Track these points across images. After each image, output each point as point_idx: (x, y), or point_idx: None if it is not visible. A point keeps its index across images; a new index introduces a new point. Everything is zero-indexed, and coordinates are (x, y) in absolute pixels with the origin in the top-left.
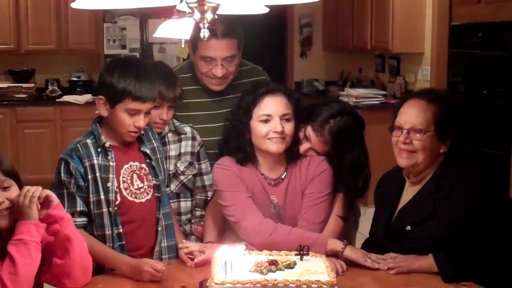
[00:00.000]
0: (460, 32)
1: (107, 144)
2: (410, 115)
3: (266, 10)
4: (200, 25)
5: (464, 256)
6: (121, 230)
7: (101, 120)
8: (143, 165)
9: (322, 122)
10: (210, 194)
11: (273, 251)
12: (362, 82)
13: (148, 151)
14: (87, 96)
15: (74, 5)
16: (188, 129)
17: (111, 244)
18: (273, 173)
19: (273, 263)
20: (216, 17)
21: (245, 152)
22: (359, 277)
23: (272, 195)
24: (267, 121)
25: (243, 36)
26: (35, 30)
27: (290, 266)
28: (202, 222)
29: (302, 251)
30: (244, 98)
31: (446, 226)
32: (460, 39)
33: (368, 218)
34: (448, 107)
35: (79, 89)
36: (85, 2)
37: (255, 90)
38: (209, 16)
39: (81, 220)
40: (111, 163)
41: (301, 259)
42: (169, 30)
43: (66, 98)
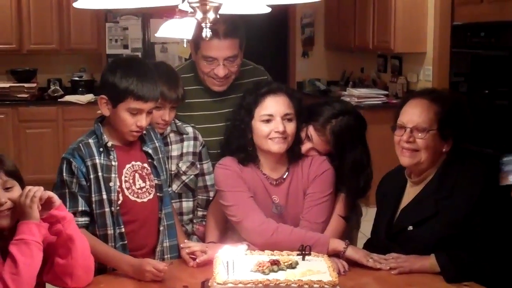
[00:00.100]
0: (462, 32)
1: (109, 143)
2: (412, 114)
3: (268, 10)
4: (202, 24)
5: (466, 256)
6: (123, 229)
7: (103, 120)
8: (145, 164)
9: (324, 122)
10: (212, 194)
11: (275, 251)
12: (364, 82)
13: (150, 151)
14: (89, 96)
15: (76, 4)
16: (190, 129)
17: (113, 244)
18: (275, 173)
19: (275, 263)
20: (218, 17)
21: (246, 152)
22: (361, 277)
23: (274, 195)
24: (268, 121)
25: (245, 36)
26: (37, 30)
27: (292, 266)
28: (204, 222)
29: (304, 251)
30: (245, 98)
31: (448, 226)
32: (462, 38)
33: (369, 218)
34: (450, 106)
35: (81, 89)
36: (87, 1)
37: (257, 90)
38: (211, 15)
39: (83, 219)
40: (113, 163)
41: (303, 259)
42: (171, 30)
43: (68, 98)
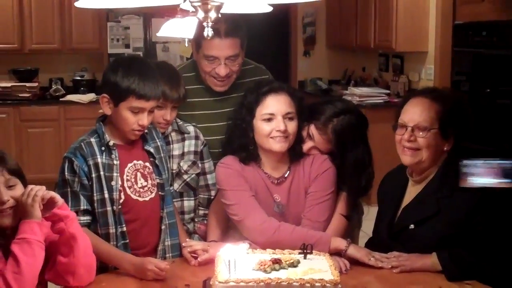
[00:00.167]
0: (464, 31)
1: (111, 142)
2: (414, 113)
3: (269, 9)
4: (204, 24)
5: (468, 254)
6: (125, 228)
7: (105, 119)
8: (147, 163)
9: (326, 121)
10: (213, 193)
11: (276, 250)
12: (365, 81)
13: (151, 150)
14: (91, 95)
15: (78, 4)
16: (191, 128)
17: (115, 243)
18: (276, 172)
19: (276, 261)
20: (219, 16)
21: (248, 151)
22: (362, 275)
23: (276, 194)
24: (270, 120)
25: (246, 35)
26: (38, 29)
27: (294, 264)
28: (205, 221)
29: (306, 249)
30: (247, 97)
31: (450, 224)
32: (463, 37)
33: (371, 217)
34: (451, 105)
35: (82, 88)
36: (88, 1)
37: (258, 89)
38: (212, 15)
39: (85, 218)
40: (115, 162)
41: (304, 257)
42: (172, 29)
43: (70, 97)
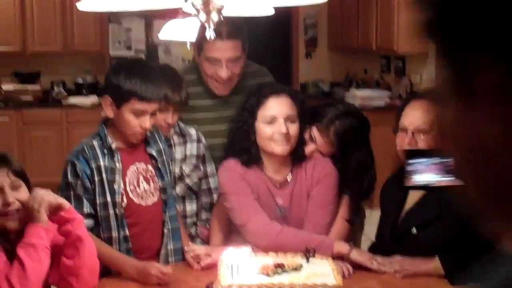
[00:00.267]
0: None
1: (113, 145)
2: (414, 116)
3: (271, 12)
4: (206, 26)
5: (471, 259)
6: (127, 232)
7: (107, 122)
8: (149, 166)
9: (328, 123)
10: (215, 196)
11: (279, 254)
12: (367, 83)
13: (154, 153)
14: (93, 98)
15: (80, 6)
16: (193, 131)
17: (117, 247)
18: (278, 175)
19: (279, 265)
20: (221, 18)
21: (250, 154)
22: (365, 280)
23: (278, 197)
24: (271, 122)
25: (248, 38)
26: (40, 32)
27: (297, 268)
28: (208, 225)
29: (309, 253)
30: (248, 100)
31: (452, 228)
32: None
33: (373, 220)
34: None
35: (84, 91)
36: (90, 4)
37: (260, 91)
38: (214, 17)
39: (87, 222)
40: (117, 165)
41: (307, 261)
42: (174, 32)
43: (72, 100)
